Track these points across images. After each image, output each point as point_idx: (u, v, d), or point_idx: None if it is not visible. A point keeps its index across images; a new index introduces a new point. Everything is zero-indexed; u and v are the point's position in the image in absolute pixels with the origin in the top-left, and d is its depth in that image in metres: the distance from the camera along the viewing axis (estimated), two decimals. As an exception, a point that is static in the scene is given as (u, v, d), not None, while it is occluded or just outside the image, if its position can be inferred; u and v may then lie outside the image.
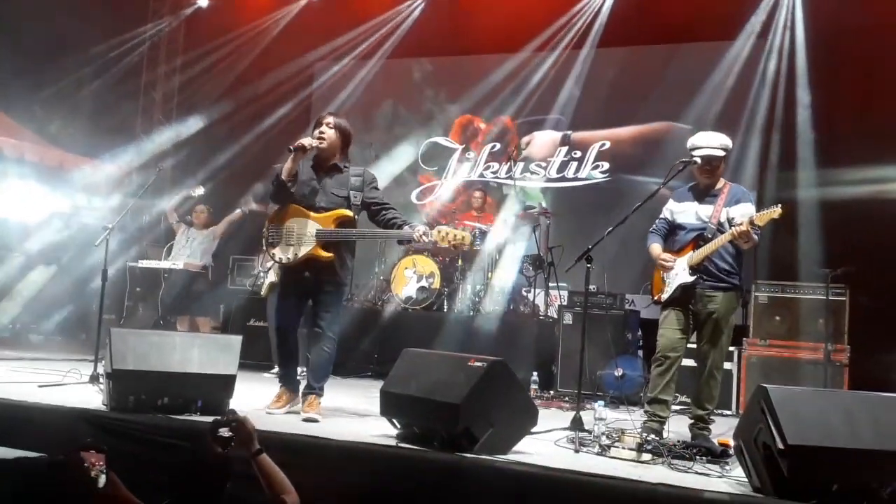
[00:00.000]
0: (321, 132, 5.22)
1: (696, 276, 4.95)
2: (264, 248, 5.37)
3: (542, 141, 10.72)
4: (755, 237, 4.84)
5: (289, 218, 5.21)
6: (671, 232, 5.24)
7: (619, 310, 7.76)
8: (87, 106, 10.15)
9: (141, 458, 4.26)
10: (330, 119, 5.28)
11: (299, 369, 5.53)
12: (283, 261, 5.21)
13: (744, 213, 4.92)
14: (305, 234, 5.13)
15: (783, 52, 9.37)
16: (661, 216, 5.33)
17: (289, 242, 5.17)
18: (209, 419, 4.56)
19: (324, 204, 5.20)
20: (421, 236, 5.00)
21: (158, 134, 11.62)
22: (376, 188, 5.40)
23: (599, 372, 7.16)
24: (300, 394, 5.33)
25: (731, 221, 4.94)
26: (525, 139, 10.66)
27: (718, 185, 5.11)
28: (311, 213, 5.17)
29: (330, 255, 5.13)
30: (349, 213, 5.21)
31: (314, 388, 5.22)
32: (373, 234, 5.53)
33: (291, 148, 5.12)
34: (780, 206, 4.74)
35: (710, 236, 4.95)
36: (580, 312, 7.46)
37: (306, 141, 5.16)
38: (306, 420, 4.97)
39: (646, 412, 5.05)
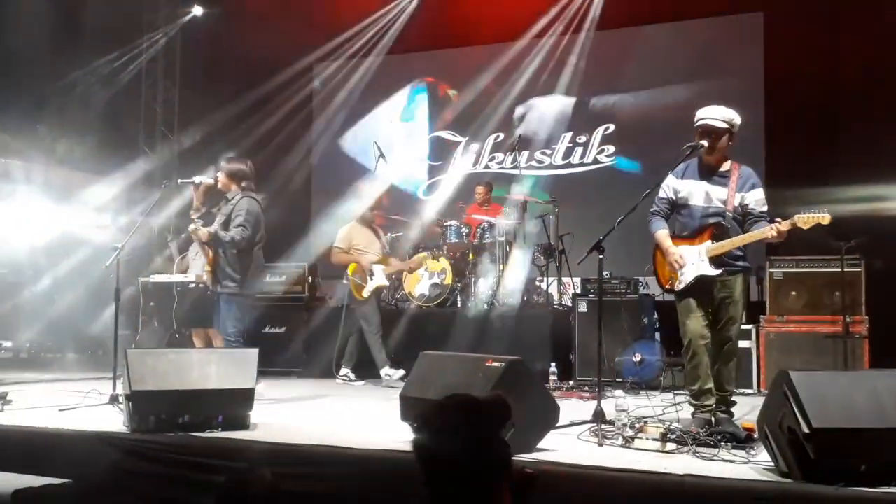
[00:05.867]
0: None
1: (721, 270, 4.77)
2: None
3: (544, 110, 10.61)
4: None
5: None
6: (673, 210, 5.02)
7: (634, 294, 7.70)
8: (89, 124, 10.12)
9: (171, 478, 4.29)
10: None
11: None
12: None
13: (757, 199, 4.80)
14: None
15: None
16: (662, 196, 5.03)
17: None
18: (231, 435, 4.61)
19: None
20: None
21: (162, 148, 11.61)
22: (239, 214, 6.29)
23: (618, 358, 7.15)
24: None
25: (745, 207, 4.81)
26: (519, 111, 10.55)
27: (726, 166, 4.89)
28: None
29: (208, 269, 6.37)
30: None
31: None
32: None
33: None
34: (827, 213, 4.57)
35: (727, 225, 4.79)
36: (595, 300, 7.44)
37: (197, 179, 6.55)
38: None
39: (692, 405, 4.93)
